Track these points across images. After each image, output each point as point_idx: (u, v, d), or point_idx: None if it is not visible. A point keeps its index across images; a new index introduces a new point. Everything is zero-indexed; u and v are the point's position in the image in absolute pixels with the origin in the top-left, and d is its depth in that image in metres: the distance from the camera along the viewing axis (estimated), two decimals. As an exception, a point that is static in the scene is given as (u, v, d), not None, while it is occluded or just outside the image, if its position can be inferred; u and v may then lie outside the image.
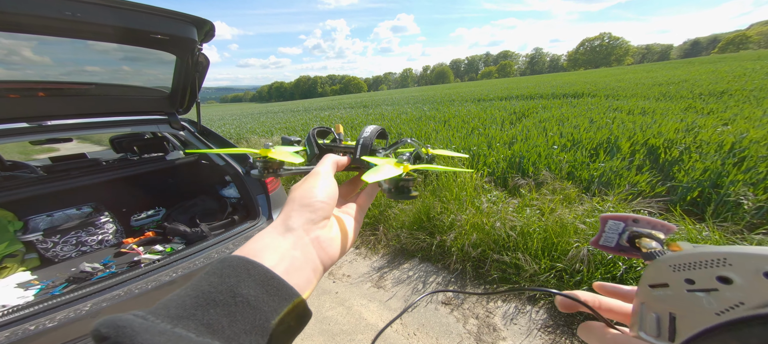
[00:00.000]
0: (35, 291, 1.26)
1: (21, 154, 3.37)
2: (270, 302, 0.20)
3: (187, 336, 0.16)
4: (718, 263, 0.16)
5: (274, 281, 0.21)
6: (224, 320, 0.18)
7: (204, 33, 1.39)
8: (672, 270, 0.18)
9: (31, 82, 1.47)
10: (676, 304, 0.18)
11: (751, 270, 0.14)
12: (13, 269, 1.38)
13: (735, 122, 3.59)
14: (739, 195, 1.83)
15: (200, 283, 0.20)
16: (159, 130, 1.79)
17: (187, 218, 1.77)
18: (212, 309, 0.18)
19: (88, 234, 1.60)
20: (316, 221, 0.26)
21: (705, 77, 10.28)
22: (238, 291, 0.19)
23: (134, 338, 0.15)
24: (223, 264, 0.21)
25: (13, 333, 0.94)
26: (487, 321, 1.59)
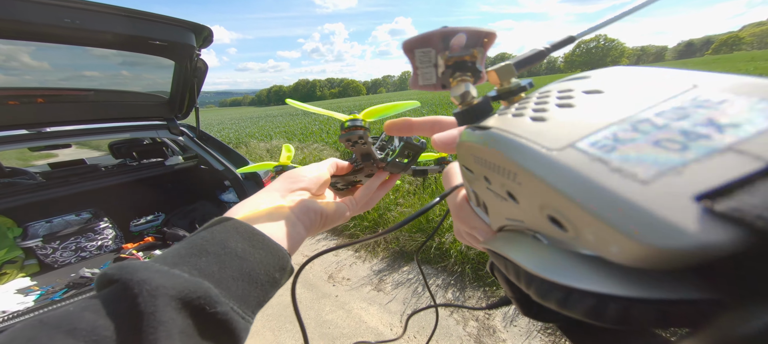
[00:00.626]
0: (35, 296, 1.25)
1: (19, 160, 3.37)
2: (256, 254, 0.23)
3: (180, 274, 0.19)
4: (508, 173, 0.12)
5: (259, 236, 0.24)
6: (215, 266, 0.21)
7: (202, 39, 1.41)
8: (474, 159, 0.15)
9: (30, 88, 1.48)
10: (481, 192, 0.16)
11: (536, 205, 0.11)
12: (12, 275, 1.37)
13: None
14: None
15: (193, 239, 0.22)
16: (158, 135, 1.80)
17: (187, 223, 1.77)
18: (204, 258, 0.21)
19: (87, 240, 1.61)
20: (293, 188, 0.29)
21: (699, 78, 10.42)
22: (227, 244, 0.22)
23: (135, 273, 0.18)
24: (212, 224, 0.24)
25: None
26: (486, 324, 1.59)
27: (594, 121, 0.10)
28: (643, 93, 0.10)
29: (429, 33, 0.16)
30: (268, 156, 5.56)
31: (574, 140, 0.10)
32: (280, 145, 6.23)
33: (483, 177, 0.14)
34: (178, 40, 1.31)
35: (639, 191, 0.07)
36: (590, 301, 0.09)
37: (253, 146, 6.62)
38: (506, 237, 0.14)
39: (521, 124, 0.12)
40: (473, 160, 0.15)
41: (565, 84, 0.14)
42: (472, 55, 0.16)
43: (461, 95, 0.16)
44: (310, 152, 4.97)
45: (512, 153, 0.11)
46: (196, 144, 1.84)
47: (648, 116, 0.09)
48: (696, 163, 0.07)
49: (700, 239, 0.06)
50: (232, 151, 1.88)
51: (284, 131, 8.75)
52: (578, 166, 0.09)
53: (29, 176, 1.86)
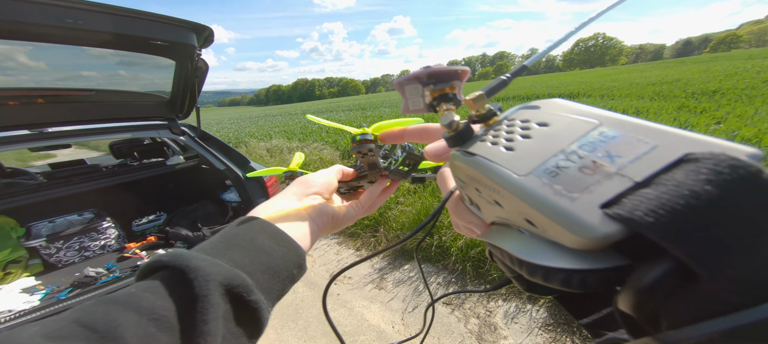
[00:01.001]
0: (40, 295, 1.26)
1: (18, 160, 3.36)
2: (279, 250, 0.25)
3: (222, 263, 0.21)
4: (493, 190, 0.15)
5: (281, 234, 0.27)
6: (246, 259, 0.23)
7: (203, 39, 1.42)
8: (465, 175, 0.18)
9: (30, 89, 1.48)
10: (473, 196, 0.20)
11: (515, 211, 0.15)
12: (17, 275, 1.38)
13: (727, 120, 3.66)
14: None
15: (226, 233, 0.25)
16: (159, 135, 1.81)
17: (189, 222, 1.78)
18: (237, 251, 0.23)
19: (90, 240, 1.61)
20: (307, 193, 0.32)
21: (697, 76, 10.43)
22: (255, 240, 0.25)
23: (190, 260, 0.20)
24: (242, 221, 0.27)
25: None
26: (488, 321, 1.61)
27: (544, 152, 0.14)
28: (572, 128, 0.15)
29: (416, 72, 0.19)
30: (267, 155, 5.56)
31: (532, 168, 0.14)
32: (280, 144, 6.22)
33: (474, 188, 0.18)
34: (179, 40, 1.32)
35: (571, 205, 0.12)
36: (562, 275, 0.13)
37: (252, 146, 6.62)
38: (498, 230, 0.18)
39: (498, 153, 0.16)
40: (464, 176, 0.19)
41: (526, 113, 0.18)
42: (452, 86, 0.20)
43: (448, 123, 0.20)
44: (311, 151, 4.97)
45: (494, 177, 0.15)
46: (197, 143, 1.84)
47: (574, 149, 0.14)
48: (598, 184, 0.12)
49: (604, 231, 0.11)
50: (232, 151, 1.88)
51: (284, 130, 8.74)
52: (537, 188, 0.13)
53: (30, 176, 1.87)
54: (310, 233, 0.29)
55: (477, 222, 0.21)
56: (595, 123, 0.14)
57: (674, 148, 0.12)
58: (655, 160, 0.12)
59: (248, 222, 0.26)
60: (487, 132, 0.18)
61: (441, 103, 0.20)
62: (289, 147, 5.79)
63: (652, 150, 0.12)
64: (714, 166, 0.10)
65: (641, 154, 0.12)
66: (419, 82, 0.20)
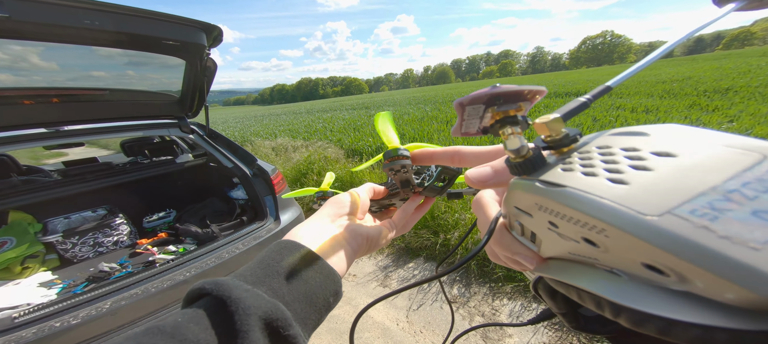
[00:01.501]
0: (58, 290, 1.31)
1: (32, 159, 3.44)
2: (316, 278, 0.25)
3: (262, 294, 0.21)
4: (591, 228, 0.13)
5: (318, 260, 0.26)
6: (284, 288, 0.23)
7: (213, 38, 1.44)
8: (537, 208, 0.16)
9: (45, 88, 1.53)
10: (537, 229, 0.18)
11: (629, 254, 0.12)
12: (34, 269, 1.43)
13: (740, 119, 3.58)
14: None
15: (264, 259, 0.25)
16: (169, 133, 1.84)
17: (198, 219, 1.81)
18: (276, 279, 0.23)
19: (104, 236, 1.66)
20: (341, 214, 0.31)
21: (709, 74, 10.18)
22: (294, 267, 0.25)
23: (231, 291, 0.20)
24: (280, 246, 0.27)
25: (40, 329, 0.98)
26: (493, 319, 1.61)
27: (682, 188, 0.11)
28: (718, 160, 0.12)
29: (481, 92, 0.17)
30: (273, 154, 5.61)
31: (671, 207, 0.11)
32: (284, 142, 6.27)
33: (546, 222, 0.15)
34: (190, 39, 1.34)
35: (753, 256, 0.09)
36: (697, 331, 0.10)
37: (257, 144, 6.69)
38: (574, 268, 0.15)
39: (601, 186, 0.13)
40: (536, 208, 0.16)
41: (626, 140, 0.15)
42: (519, 108, 0.18)
43: (517, 149, 0.17)
44: (315, 149, 5.00)
45: (601, 214, 0.12)
46: (206, 141, 1.88)
47: (736, 187, 0.10)
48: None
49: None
50: (239, 148, 1.91)
51: (288, 129, 8.80)
52: (685, 231, 0.10)
53: (45, 174, 1.92)
54: (346, 257, 0.29)
55: (529, 255, 0.19)
56: (759, 156, 0.11)
57: None
58: None
59: (284, 247, 0.26)
60: (565, 160, 0.16)
61: (505, 126, 0.17)
62: (293, 145, 5.83)
63: None
64: None
65: None
66: (483, 102, 0.17)
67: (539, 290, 0.19)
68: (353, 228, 0.30)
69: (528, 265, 0.20)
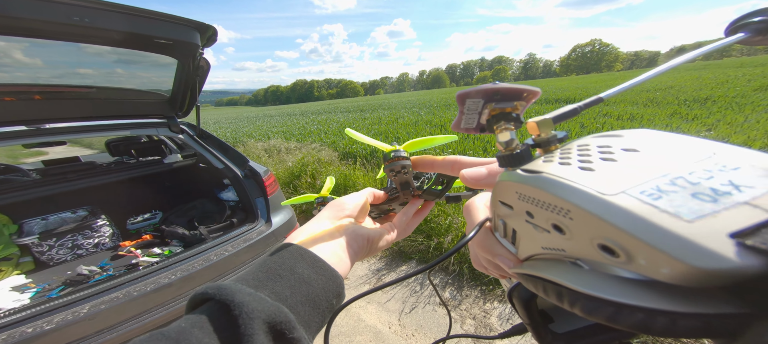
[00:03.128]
0: (31, 294, 1.24)
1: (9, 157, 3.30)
2: (319, 280, 0.25)
3: (265, 298, 0.21)
4: (559, 210, 0.13)
5: (321, 262, 0.26)
6: (287, 291, 0.23)
7: (207, 38, 1.42)
8: (517, 197, 0.17)
9: (28, 85, 1.47)
10: (517, 225, 0.18)
11: (586, 236, 0.13)
12: (7, 272, 1.36)
13: (718, 128, 3.74)
14: None
15: (266, 262, 0.25)
16: (158, 133, 1.80)
17: (186, 221, 1.77)
18: (278, 282, 0.23)
19: (84, 238, 1.59)
20: (341, 216, 0.32)
21: (690, 84, 10.64)
22: (295, 269, 0.24)
23: (234, 295, 0.20)
24: (281, 248, 0.26)
25: (10, 335, 0.93)
26: (483, 322, 1.62)
27: (638, 174, 0.12)
28: (675, 155, 0.13)
29: (482, 87, 0.18)
30: (266, 155, 5.53)
31: (625, 188, 0.12)
32: (278, 144, 6.20)
33: (524, 212, 0.16)
34: (183, 38, 1.32)
35: (687, 228, 0.10)
36: (640, 315, 0.11)
37: (250, 146, 6.59)
38: (544, 264, 0.16)
39: (571, 172, 0.14)
40: (516, 197, 0.17)
41: (602, 140, 0.16)
42: (515, 107, 0.19)
43: (506, 142, 0.18)
44: (309, 151, 4.96)
45: (567, 194, 0.13)
46: (196, 142, 1.83)
47: (682, 174, 0.12)
48: (726, 210, 0.10)
49: (738, 263, 0.09)
50: (231, 149, 1.88)
51: (282, 131, 8.71)
52: (633, 207, 0.11)
53: (22, 173, 1.84)
54: (348, 258, 0.29)
55: (506, 256, 0.20)
56: (709, 153, 0.13)
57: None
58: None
59: (286, 249, 0.26)
60: (551, 156, 0.17)
61: (500, 122, 0.19)
62: (287, 147, 5.77)
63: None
64: None
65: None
66: (482, 96, 0.18)
67: (514, 299, 0.19)
68: (354, 230, 0.30)
69: (506, 267, 0.20)
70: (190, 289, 1.26)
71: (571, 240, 0.14)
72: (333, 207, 0.32)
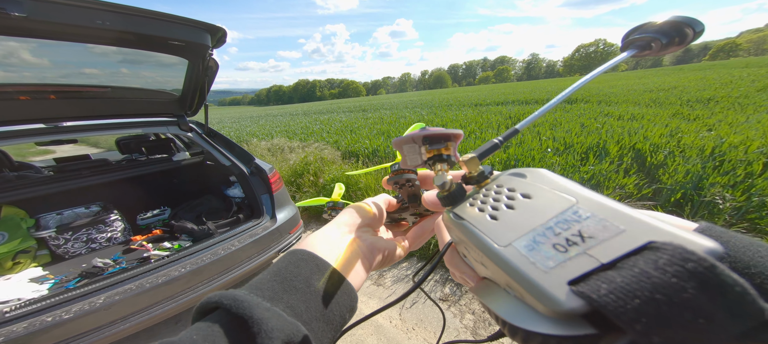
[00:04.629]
0: (49, 285, 1.30)
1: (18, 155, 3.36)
2: (334, 294, 0.24)
3: (282, 314, 0.20)
4: (479, 254, 0.17)
5: (337, 276, 0.25)
6: (302, 305, 0.22)
7: (216, 39, 1.47)
8: (455, 235, 0.20)
9: (43, 84, 1.53)
10: (465, 252, 0.21)
11: (499, 276, 0.16)
12: (25, 264, 1.42)
13: (718, 128, 3.74)
14: (714, 196, 1.94)
15: (281, 271, 0.24)
16: (167, 131, 1.85)
17: (194, 216, 1.82)
18: (294, 294, 0.23)
19: (98, 232, 1.65)
20: (359, 225, 0.31)
21: (694, 84, 10.56)
22: (311, 281, 0.24)
23: (252, 310, 0.19)
24: (296, 256, 0.25)
25: (30, 323, 0.98)
26: (483, 317, 1.66)
27: (524, 225, 0.16)
28: (551, 204, 0.16)
29: (413, 133, 0.22)
30: (269, 154, 5.60)
31: (512, 240, 0.16)
32: (281, 143, 6.26)
33: (464, 247, 0.20)
34: (194, 40, 1.37)
35: (544, 278, 0.13)
36: (539, 339, 0.13)
37: (254, 145, 6.66)
38: (488, 288, 0.19)
39: (483, 221, 0.18)
40: (455, 234, 0.20)
41: (513, 181, 0.19)
42: (447, 147, 0.22)
43: (442, 184, 0.21)
44: (312, 151, 5.01)
45: (479, 244, 0.17)
46: (204, 140, 1.89)
47: (551, 225, 0.15)
48: (569, 261, 0.13)
49: (569, 305, 0.12)
50: (237, 147, 1.93)
51: (285, 130, 8.78)
52: (515, 259, 0.15)
53: (36, 170, 1.91)
54: (364, 271, 0.28)
55: (471, 274, 0.22)
56: (573, 202, 0.16)
57: (640, 235, 0.13)
58: (621, 245, 0.13)
59: (302, 258, 0.25)
60: (477, 195, 0.20)
61: (436, 164, 0.22)
62: (290, 146, 5.83)
63: (619, 234, 0.13)
64: (670, 257, 0.11)
65: (609, 237, 0.13)
66: (415, 142, 0.21)
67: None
68: (372, 242, 0.30)
69: (470, 282, 0.22)
70: (199, 282, 1.31)
71: (493, 276, 0.17)
72: (352, 215, 0.31)
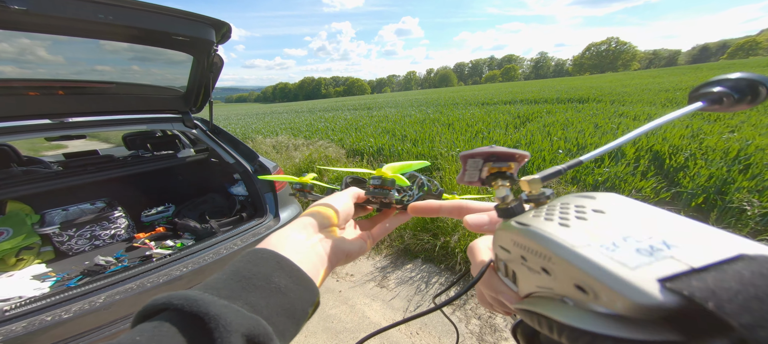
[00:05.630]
0: (51, 283, 1.30)
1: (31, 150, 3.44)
2: (295, 290, 0.24)
3: (241, 310, 0.20)
4: (544, 257, 0.17)
5: (299, 272, 0.25)
6: (262, 301, 0.22)
7: (221, 35, 1.44)
8: (513, 243, 0.20)
9: (51, 80, 1.52)
10: (515, 267, 0.21)
11: (566, 277, 0.16)
12: (29, 261, 1.42)
13: (742, 129, 3.57)
14: (742, 201, 1.83)
15: (240, 269, 0.23)
16: (173, 128, 1.84)
17: (197, 214, 1.81)
18: (253, 293, 0.22)
19: (101, 229, 1.65)
20: (326, 225, 0.31)
21: (712, 83, 10.17)
22: (271, 279, 0.23)
23: (208, 307, 0.18)
24: (256, 255, 0.25)
25: (30, 323, 0.97)
26: (489, 322, 1.60)
27: (601, 232, 0.16)
28: (630, 219, 0.17)
29: (480, 149, 0.23)
30: (273, 152, 5.61)
31: (590, 242, 0.16)
32: (285, 140, 6.27)
33: (519, 256, 0.19)
34: (199, 35, 1.35)
35: (631, 274, 0.13)
36: (609, 342, 0.13)
37: (259, 142, 6.69)
38: (539, 301, 0.19)
39: (553, 227, 0.18)
40: (512, 244, 0.20)
41: (579, 200, 0.20)
42: (509, 166, 0.23)
43: (502, 197, 0.23)
44: (316, 148, 5.00)
45: (549, 245, 0.17)
46: (209, 137, 1.87)
47: (631, 234, 0.16)
48: (657, 262, 0.13)
49: (662, 300, 0.12)
50: (241, 144, 1.91)
51: (290, 128, 8.81)
52: (594, 257, 0.15)
53: (45, 165, 1.92)
54: (324, 270, 0.29)
55: (509, 294, 0.22)
56: (652, 214, 0.17)
57: (729, 247, 0.13)
58: (711, 254, 0.13)
59: (261, 257, 0.25)
60: (540, 211, 0.20)
61: (497, 179, 0.23)
62: (294, 143, 5.83)
63: (706, 245, 0.14)
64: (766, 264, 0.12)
65: (696, 247, 0.14)
66: (482, 158, 0.23)
67: (518, 335, 0.22)
68: (335, 244, 0.30)
69: (507, 303, 0.22)
70: (201, 282, 1.29)
71: (556, 280, 0.17)
72: (316, 216, 0.31)
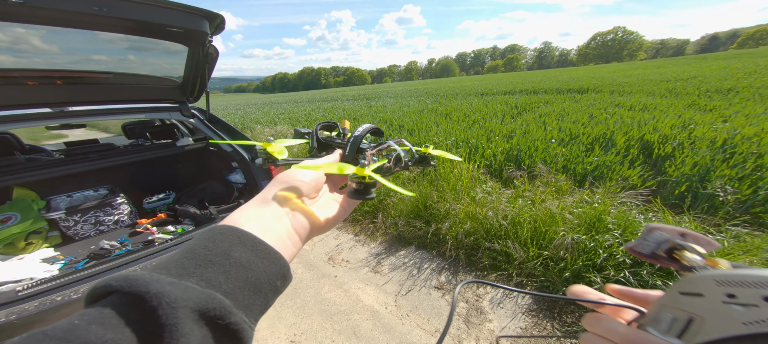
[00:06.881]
0: (60, 265, 1.37)
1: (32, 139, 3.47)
2: (259, 263, 0.23)
3: (191, 285, 0.19)
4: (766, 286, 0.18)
5: (262, 245, 0.24)
6: (221, 277, 0.21)
7: (215, 26, 1.46)
8: (716, 283, 0.20)
9: (50, 70, 1.55)
10: (702, 311, 0.21)
11: None
12: (37, 245, 1.49)
13: (733, 119, 3.59)
14: (715, 189, 1.89)
15: (194, 248, 0.22)
16: (170, 117, 1.88)
17: (197, 201, 1.87)
18: (210, 268, 0.21)
19: (105, 214, 1.72)
20: (290, 197, 0.29)
21: (715, 74, 10.06)
22: (231, 254, 0.22)
23: (149, 286, 0.17)
24: (213, 232, 0.23)
25: (42, 302, 1.04)
26: (476, 305, 1.69)
27: None
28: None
29: (675, 228, 0.25)
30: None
31: None
32: (284, 130, 6.29)
33: (723, 294, 0.20)
34: (193, 26, 1.37)
35: None
36: None
37: (257, 131, 6.71)
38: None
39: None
40: (714, 284, 0.21)
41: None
42: (694, 249, 0.25)
43: (689, 267, 0.24)
44: (314, 139, 5.02)
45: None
46: (206, 126, 1.91)
47: None
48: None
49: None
50: (239, 133, 1.95)
51: (288, 118, 8.79)
52: None
53: (47, 153, 1.97)
54: (292, 243, 0.27)
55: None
56: None
57: None
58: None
59: (219, 233, 0.23)
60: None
61: (683, 251, 0.25)
62: (293, 133, 5.86)
63: None
64: None
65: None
66: (672, 235, 0.25)
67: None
68: (304, 215, 0.29)
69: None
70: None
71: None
72: (282, 184, 0.29)
